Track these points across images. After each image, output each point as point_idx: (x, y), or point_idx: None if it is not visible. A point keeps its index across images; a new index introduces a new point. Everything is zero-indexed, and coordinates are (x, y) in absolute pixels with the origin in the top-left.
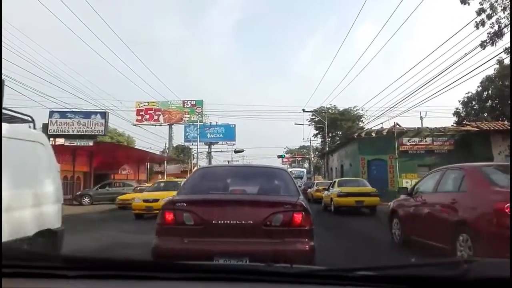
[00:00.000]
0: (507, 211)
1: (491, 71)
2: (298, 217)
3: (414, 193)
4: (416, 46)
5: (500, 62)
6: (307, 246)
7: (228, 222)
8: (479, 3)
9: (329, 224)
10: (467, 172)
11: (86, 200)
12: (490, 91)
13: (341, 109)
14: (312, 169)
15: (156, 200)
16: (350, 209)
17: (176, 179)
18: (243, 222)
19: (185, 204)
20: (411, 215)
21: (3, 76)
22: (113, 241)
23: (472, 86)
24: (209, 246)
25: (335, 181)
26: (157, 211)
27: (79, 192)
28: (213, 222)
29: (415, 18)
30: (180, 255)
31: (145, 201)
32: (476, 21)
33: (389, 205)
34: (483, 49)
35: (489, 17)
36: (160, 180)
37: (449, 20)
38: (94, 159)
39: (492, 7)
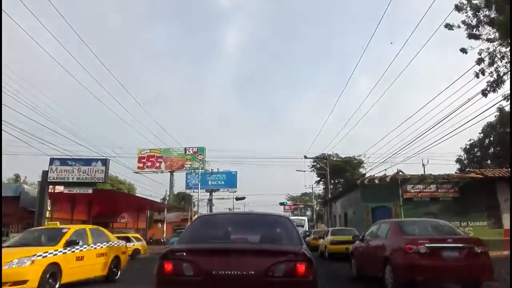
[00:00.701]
0: (408, 250)
1: (492, 118)
2: (301, 268)
3: (364, 239)
4: (418, 93)
5: (501, 109)
6: None
7: (229, 272)
8: (478, 52)
9: (323, 270)
10: (390, 225)
11: None
12: (492, 138)
13: (343, 157)
14: (315, 217)
15: None
16: (342, 255)
17: (62, 226)
18: (244, 272)
19: (184, 254)
20: (360, 255)
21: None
22: None
23: (474, 133)
24: None
25: (328, 230)
26: None
27: None
28: (213, 272)
29: (415, 66)
30: None
31: None
32: (475, 71)
33: (350, 248)
34: (485, 97)
35: (491, 64)
36: (36, 228)
37: (451, 67)
38: (93, 207)
39: (491, 56)
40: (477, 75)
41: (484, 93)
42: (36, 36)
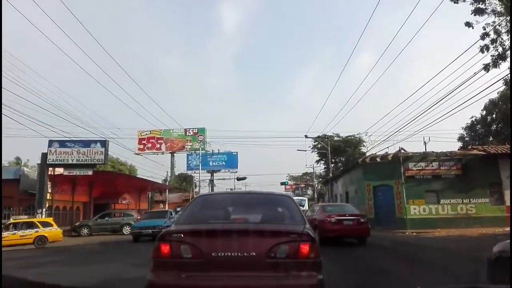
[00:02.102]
0: (326, 220)
1: (494, 95)
2: (304, 248)
3: (305, 215)
4: (419, 70)
5: (507, 82)
6: (314, 280)
7: (229, 254)
8: (483, 27)
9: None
10: (319, 206)
11: (85, 231)
12: (494, 115)
13: (344, 136)
14: (316, 196)
15: None
16: None
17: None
18: (245, 254)
19: (182, 235)
20: None
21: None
22: (112, 274)
23: (476, 110)
24: (209, 282)
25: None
26: None
27: (78, 223)
28: (213, 254)
29: (417, 42)
30: None
31: None
32: (480, 45)
33: None
34: (487, 72)
35: (494, 41)
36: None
37: (453, 44)
38: (93, 188)
39: (496, 30)
40: (481, 50)
41: (487, 68)
42: (32, 17)
